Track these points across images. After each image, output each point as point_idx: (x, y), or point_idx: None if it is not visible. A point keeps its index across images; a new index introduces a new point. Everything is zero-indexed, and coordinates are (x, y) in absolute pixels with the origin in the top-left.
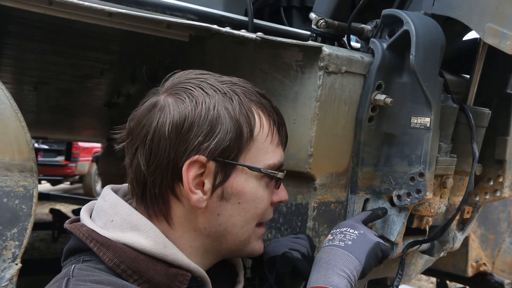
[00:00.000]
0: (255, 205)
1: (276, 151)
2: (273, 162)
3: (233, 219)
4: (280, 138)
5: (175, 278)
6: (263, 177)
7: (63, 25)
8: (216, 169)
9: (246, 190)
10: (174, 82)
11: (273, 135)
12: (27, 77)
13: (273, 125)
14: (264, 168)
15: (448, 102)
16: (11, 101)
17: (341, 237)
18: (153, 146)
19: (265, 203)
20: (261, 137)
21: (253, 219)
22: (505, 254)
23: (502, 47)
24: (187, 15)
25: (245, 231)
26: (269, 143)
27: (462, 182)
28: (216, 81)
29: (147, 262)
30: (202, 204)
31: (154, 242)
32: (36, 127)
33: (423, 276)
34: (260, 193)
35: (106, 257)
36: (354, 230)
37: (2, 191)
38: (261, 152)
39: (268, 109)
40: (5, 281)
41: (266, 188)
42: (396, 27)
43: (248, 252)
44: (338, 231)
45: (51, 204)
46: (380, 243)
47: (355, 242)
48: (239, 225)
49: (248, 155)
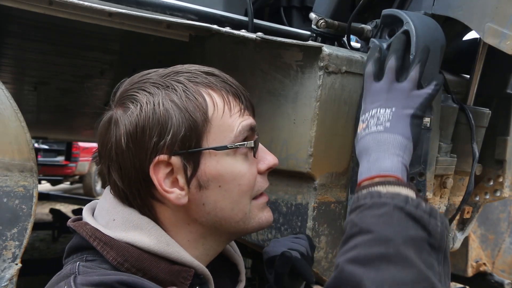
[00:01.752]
0: (237, 182)
1: (239, 120)
2: (238, 130)
3: (220, 204)
4: (241, 106)
5: (178, 274)
6: (235, 152)
7: (63, 25)
8: (183, 162)
9: (221, 172)
10: (121, 91)
11: (231, 107)
12: (27, 77)
13: (228, 98)
14: (231, 143)
15: (448, 102)
16: (11, 101)
17: (375, 121)
18: (120, 160)
19: (248, 176)
20: (217, 115)
21: (241, 197)
22: (505, 254)
23: (502, 47)
24: (187, 15)
25: (238, 211)
26: (228, 117)
27: (462, 182)
28: (158, 77)
29: (151, 260)
30: (183, 200)
31: (157, 240)
32: (36, 127)
33: None
34: (237, 169)
35: (110, 256)
36: (385, 109)
37: (2, 191)
38: (222, 129)
39: (218, 85)
40: (5, 281)
41: (245, 161)
42: (396, 27)
43: (255, 227)
44: (368, 115)
45: (51, 204)
46: (418, 106)
47: (393, 121)
48: (229, 207)
49: (210, 137)
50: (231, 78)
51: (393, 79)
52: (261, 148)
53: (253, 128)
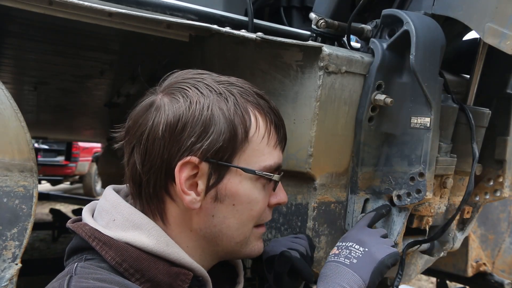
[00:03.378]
0: (250, 207)
1: (273, 152)
2: (269, 164)
3: (228, 221)
4: (278, 139)
5: (177, 277)
6: (258, 179)
7: (63, 25)
8: (210, 170)
9: (240, 192)
10: (171, 81)
11: (270, 136)
12: (27, 77)
13: (270, 126)
14: (259, 170)
15: (448, 102)
16: (11, 101)
17: (346, 254)
18: (148, 145)
19: (261, 205)
20: (257, 138)
21: (248, 221)
22: (505, 254)
23: (502, 47)
24: (187, 15)
25: (241, 233)
26: (265, 145)
27: (462, 182)
28: (213, 81)
29: (149, 261)
30: (196, 205)
31: (157, 240)
32: (36, 127)
33: (423, 276)
34: (255, 195)
35: (109, 256)
36: (359, 246)
37: (2, 191)
38: (256, 154)
39: (265, 109)
40: (5, 281)
41: (262, 190)
42: (396, 27)
43: (247, 253)
44: (344, 245)
45: (51, 204)
46: (385, 258)
47: (360, 261)
48: (235, 227)
49: (242, 157)
50: (277, 108)
51: (377, 234)
52: (280, 186)
53: (281, 166)
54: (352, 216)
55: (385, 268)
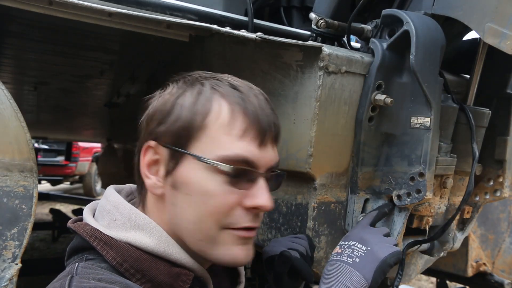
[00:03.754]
0: (204, 200)
1: (235, 143)
2: (226, 154)
3: (186, 212)
4: (246, 130)
5: (177, 277)
6: (216, 170)
7: (63, 25)
8: (169, 156)
9: (193, 181)
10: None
11: (233, 126)
12: (27, 77)
13: (236, 116)
14: (214, 160)
15: (448, 102)
16: (11, 101)
17: (349, 252)
18: (139, 131)
19: (219, 200)
20: (215, 126)
21: (206, 217)
22: (505, 254)
23: (502, 47)
24: (187, 15)
25: (200, 230)
26: (224, 134)
27: (462, 182)
28: (198, 75)
29: (150, 261)
30: (156, 190)
31: (157, 241)
32: (36, 127)
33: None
34: (210, 187)
35: (109, 256)
36: (362, 245)
37: (2, 191)
38: (212, 142)
39: (235, 100)
40: (5, 281)
41: (223, 185)
42: (396, 27)
43: (218, 257)
44: (346, 244)
45: (51, 204)
46: (388, 257)
47: (362, 259)
48: (192, 220)
49: (198, 144)
50: (260, 102)
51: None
52: (261, 187)
53: (248, 161)
54: (352, 216)
55: (387, 267)
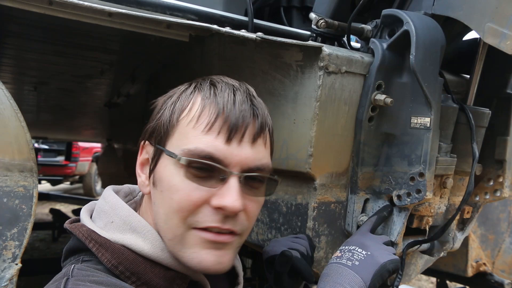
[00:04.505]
0: (170, 195)
1: (200, 137)
2: (189, 148)
3: (159, 210)
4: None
5: (173, 281)
6: (183, 166)
7: (63, 25)
8: (153, 154)
9: (163, 177)
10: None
11: (199, 120)
12: (27, 77)
13: (203, 111)
14: (178, 154)
15: (448, 102)
16: (11, 101)
17: (349, 256)
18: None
19: (182, 195)
20: (185, 121)
21: (172, 213)
22: (505, 254)
23: (502, 47)
24: (187, 15)
25: (169, 227)
26: (191, 128)
27: (462, 182)
28: (200, 78)
29: (146, 264)
30: (145, 189)
31: (152, 245)
32: (36, 127)
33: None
34: (175, 181)
35: (105, 258)
36: (362, 250)
37: (2, 191)
38: (181, 137)
39: (207, 96)
40: (5, 281)
41: (188, 180)
42: (396, 27)
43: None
44: (346, 248)
45: (51, 204)
46: (387, 263)
47: (362, 263)
48: (163, 218)
49: (171, 140)
50: (241, 100)
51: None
52: (230, 187)
53: (213, 157)
54: (352, 216)
55: (386, 272)
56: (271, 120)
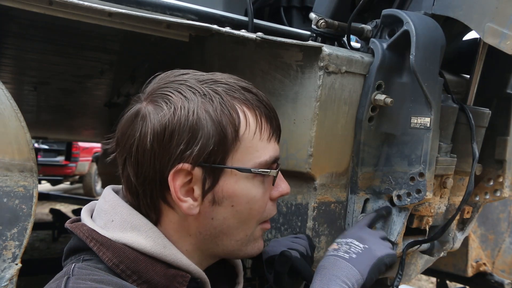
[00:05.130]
0: (249, 206)
1: (267, 146)
2: (265, 159)
3: (228, 222)
4: (271, 132)
5: (174, 279)
6: (255, 176)
7: (63, 25)
8: (204, 174)
9: (237, 193)
10: (154, 87)
11: (262, 130)
12: (27, 77)
13: (261, 120)
14: (254, 167)
15: (448, 102)
16: (11, 101)
17: (346, 249)
18: (139, 157)
19: (261, 203)
20: (248, 135)
21: (249, 220)
22: (505, 254)
23: (502, 47)
24: (187, 15)
25: (242, 230)
26: (258, 140)
27: (462, 182)
28: (196, 81)
29: (147, 262)
30: (194, 211)
31: (154, 242)
32: (36, 127)
33: (423, 276)
34: (253, 193)
35: (106, 257)
36: (359, 243)
37: (2, 191)
38: (249, 151)
39: (254, 103)
40: (5, 281)
41: (261, 186)
42: (396, 27)
43: (247, 253)
44: (344, 241)
45: (51, 204)
46: (384, 257)
47: (359, 256)
48: (235, 226)
49: (236, 156)
50: (266, 98)
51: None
52: (280, 176)
53: (278, 158)
54: (352, 216)
55: (383, 266)
56: None
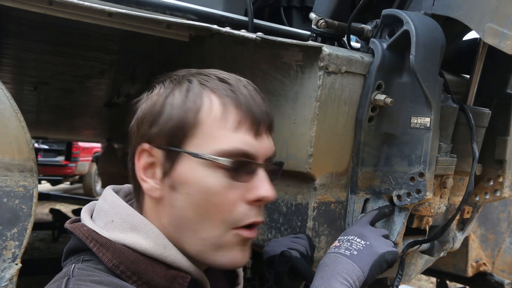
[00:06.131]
0: (205, 197)
1: (231, 136)
2: (223, 148)
3: (186, 212)
4: (241, 122)
5: (174, 280)
6: (212, 165)
7: (63, 25)
8: (164, 157)
9: (192, 180)
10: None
11: (227, 119)
12: (27, 77)
13: (229, 109)
14: (211, 155)
15: (448, 102)
16: (11, 101)
17: (347, 246)
18: (130, 136)
19: (221, 197)
20: (209, 122)
21: (210, 216)
22: (505, 254)
23: (502, 47)
24: (187, 15)
25: (205, 229)
26: (219, 128)
27: (462, 182)
28: (183, 73)
29: (147, 263)
30: (154, 193)
31: (154, 243)
32: (36, 127)
33: (423, 276)
34: (208, 183)
35: (106, 258)
36: (361, 240)
37: (2, 191)
38: (208, 138)
39: (225, 93)
40: (5, 281)
41: (221, 178)
42: (396, 27)
43: (221, 262)
44: (345, 238)
45: (51, 204)
46: (386, 253)
47: (360, 252)
48: (195, 220)
49: (194, 142)
50: (250, 92)
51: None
52: (261, 178)
53: (247, 154)
54: (352, 216)
55: (384, 263)
56: None
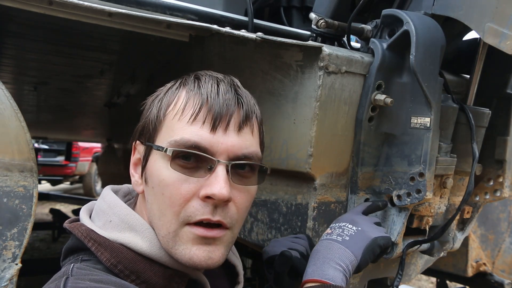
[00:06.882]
0: (161, 190)
1: (185, 128)
2: (174, 139)
3: (153, 206)
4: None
5: (172, 279)
6: (171, 159)
7: (63, 25)
8: (144, 153)
9: (154, 172)
10: None
11: (184, 112)
12: (27, 77)
13: (186, 103)
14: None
15: (448, 102)
16: (11, 101)
17: (339, 232)
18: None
19: (173, 190)
20: (170, 115)
21: (165, 209)
22: (505, 254)
23: (502, 47)
24: (187, 15)
25: (163, 224)
26: (176, 121)
27: (462, 182)
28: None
29: (145, 263)
30: (138, 188)
31: (150, 243)
32: (36, 127)
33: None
34: (163, 175)
35: (104, 257)
36: (352, 225)
37: (2, 191)
38: (168, 131)
39: (193, 90)
40: (5, 281)
41: (179, 172)
42: (396, 27)
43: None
44: (337, 225)
45: (51, 204)
46: (378, 238)
47: (352, 238)
48: (157, 214)
49: (160, 136)
50: (225, 90)
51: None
52: (219, 176)
53: (199, 146)
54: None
55: (377, 248)
56: (259, 110)
